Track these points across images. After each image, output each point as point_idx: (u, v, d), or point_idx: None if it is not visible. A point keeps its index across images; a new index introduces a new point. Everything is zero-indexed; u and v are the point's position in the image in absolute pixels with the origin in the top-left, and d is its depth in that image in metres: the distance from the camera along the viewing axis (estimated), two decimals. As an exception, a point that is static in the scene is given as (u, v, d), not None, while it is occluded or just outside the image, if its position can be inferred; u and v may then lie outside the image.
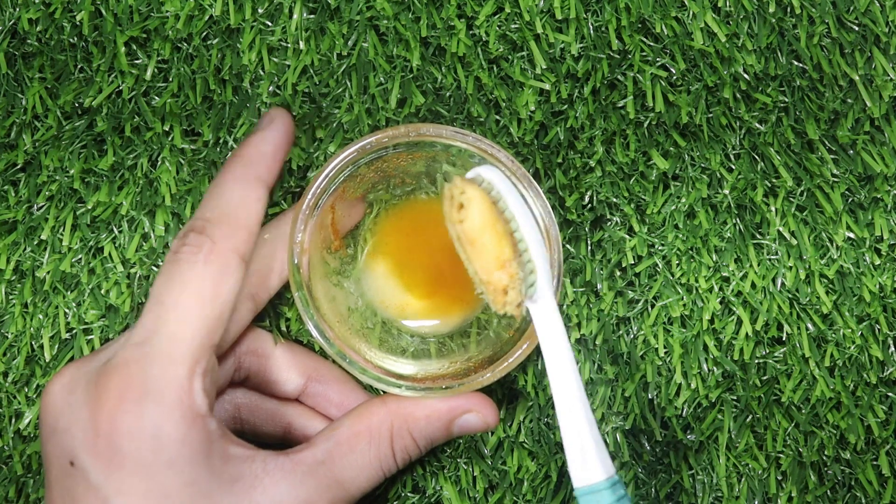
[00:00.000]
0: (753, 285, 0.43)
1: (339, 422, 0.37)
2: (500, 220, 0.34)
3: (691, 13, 0.43)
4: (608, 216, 0.43)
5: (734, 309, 0.43)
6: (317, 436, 0.37)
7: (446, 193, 0.34)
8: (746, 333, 0.42)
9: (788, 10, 0.44)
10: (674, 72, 0.43)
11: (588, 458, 0.35)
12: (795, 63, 0.44)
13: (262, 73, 0.43)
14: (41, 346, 0.43)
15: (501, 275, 0.34)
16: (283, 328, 0.42)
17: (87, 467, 0.32)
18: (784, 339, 0.43)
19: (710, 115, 0.43)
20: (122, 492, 0.32)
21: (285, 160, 0.38)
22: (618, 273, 0.43)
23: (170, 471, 0.32)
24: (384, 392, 0.38)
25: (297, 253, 0.37)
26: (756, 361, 0.43)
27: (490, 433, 0.42)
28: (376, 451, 0.36)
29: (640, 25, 0.44)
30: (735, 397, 0.43)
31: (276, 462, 0.35)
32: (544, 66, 0.43)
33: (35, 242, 0.43)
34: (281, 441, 0.40)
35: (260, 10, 0.44)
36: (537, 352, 0.39)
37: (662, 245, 0.43)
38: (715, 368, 0.42)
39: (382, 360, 0.39)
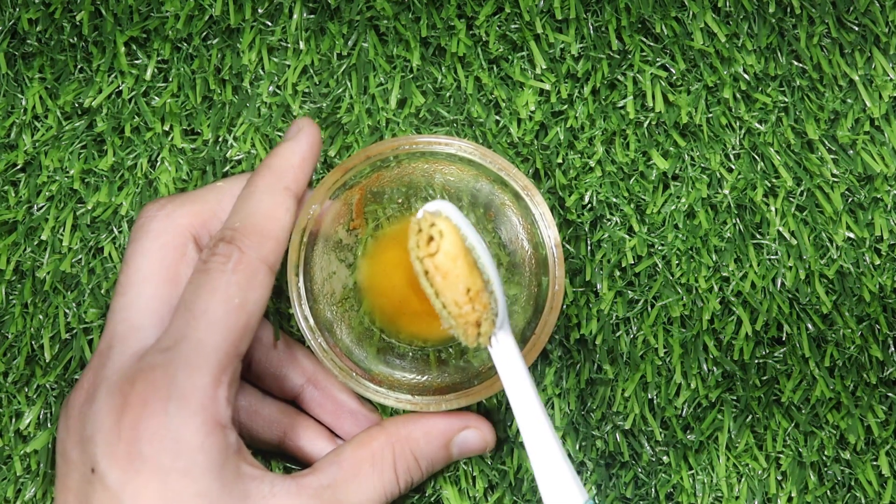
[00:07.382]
0: (753, 285, 0.43)
1: (342, 447, 0.38)
2: (468, 251, 0.34)
3: (691, 13, 0.43)
4: (608, 216, 0.43)
5: (734, 309, 0.43)
6: (321, 461, 0.37)
7: (413, 227, 0.34)
8: (746, 333, 0.42)
9: (788, 10, 0.44)
10: (674, 72, 0.43)
11: (565, 484, 0.35)
12: (795, 63, 0.44)
13: (262, 73, 0.43)
14: (41, 346, 0.43)
15: (475, 306, 0.33)
16: (288, 332, 0.42)
17: (106, 472, 0.32)
18: (784, 339, 0.43)
19: (710, 115, 0.43)
20: (137, 496, 0.32)
21: (313, 169, 0.39)
22: (618, 273, 0.43)
23: (185, 478, 0.32)
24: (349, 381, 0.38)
25: (308, 221, 0.38)
26: (756, 361, 0.43)
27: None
28: (379, 475, 0.37)
29: (640, 25, 0.44)
30: (735, 397, 0.43)
31: (283, 485, 0.35)
32: (544, 66, 0.43)
33: (35, 243, 0.43)
34: (276, 449, 0.40)
35: (260, 10, 0.44)
36: (540, 355, 0.39)
37: (662, 245, 0.43)
38: (715, 368, 0.42)
39: (377, 366, 0.39)
